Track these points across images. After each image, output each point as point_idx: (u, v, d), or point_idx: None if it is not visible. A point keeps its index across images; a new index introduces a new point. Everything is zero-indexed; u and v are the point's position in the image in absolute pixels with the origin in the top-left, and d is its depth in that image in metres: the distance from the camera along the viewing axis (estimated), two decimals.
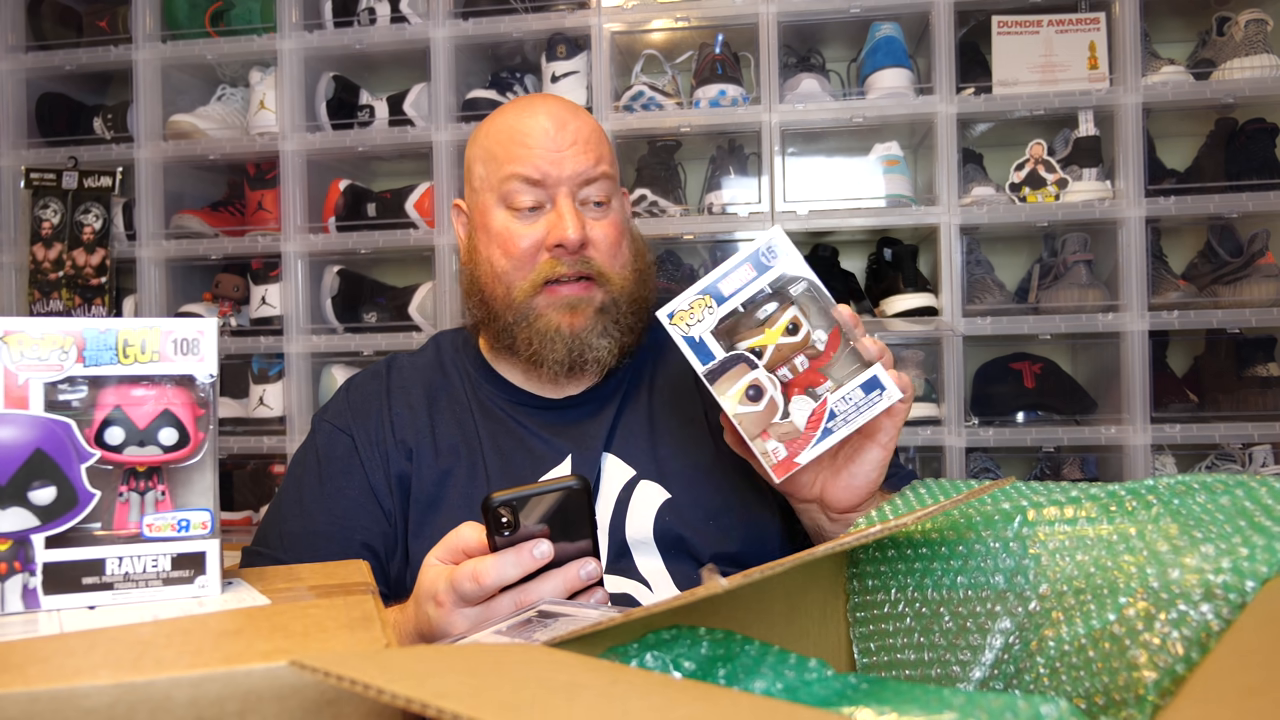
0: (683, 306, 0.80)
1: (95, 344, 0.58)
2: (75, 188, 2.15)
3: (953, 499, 0.61)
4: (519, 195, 0.99)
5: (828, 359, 0.80)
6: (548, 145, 0.99)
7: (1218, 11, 1.95)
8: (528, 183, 0.99)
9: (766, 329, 0.80)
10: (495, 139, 1.02)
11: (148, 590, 0.59)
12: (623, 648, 0.50)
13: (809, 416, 0.79)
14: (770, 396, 0.80)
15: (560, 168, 0.98)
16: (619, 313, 1.01)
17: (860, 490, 0.84)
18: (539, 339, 0.99)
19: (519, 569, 0.70)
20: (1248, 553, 0.50)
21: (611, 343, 1.00)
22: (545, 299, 1.00)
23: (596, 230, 1.00)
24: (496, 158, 1.01)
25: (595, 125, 1.04)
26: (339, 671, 0.36)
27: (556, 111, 1.01)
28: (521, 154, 0.99)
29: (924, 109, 1.90)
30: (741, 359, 0.80)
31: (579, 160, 0.99)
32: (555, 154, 0.98)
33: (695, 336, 0.80)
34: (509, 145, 1.00)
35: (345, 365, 2.12)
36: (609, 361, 1.01)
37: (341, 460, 1.03)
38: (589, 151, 1.00)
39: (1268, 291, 1.80)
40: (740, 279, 0.80)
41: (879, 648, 0.63)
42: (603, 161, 1.01)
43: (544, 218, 1.00)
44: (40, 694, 0.43)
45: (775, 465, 0.79)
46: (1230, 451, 1.91)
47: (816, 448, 0.79)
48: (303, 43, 2.07)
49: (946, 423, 1.86)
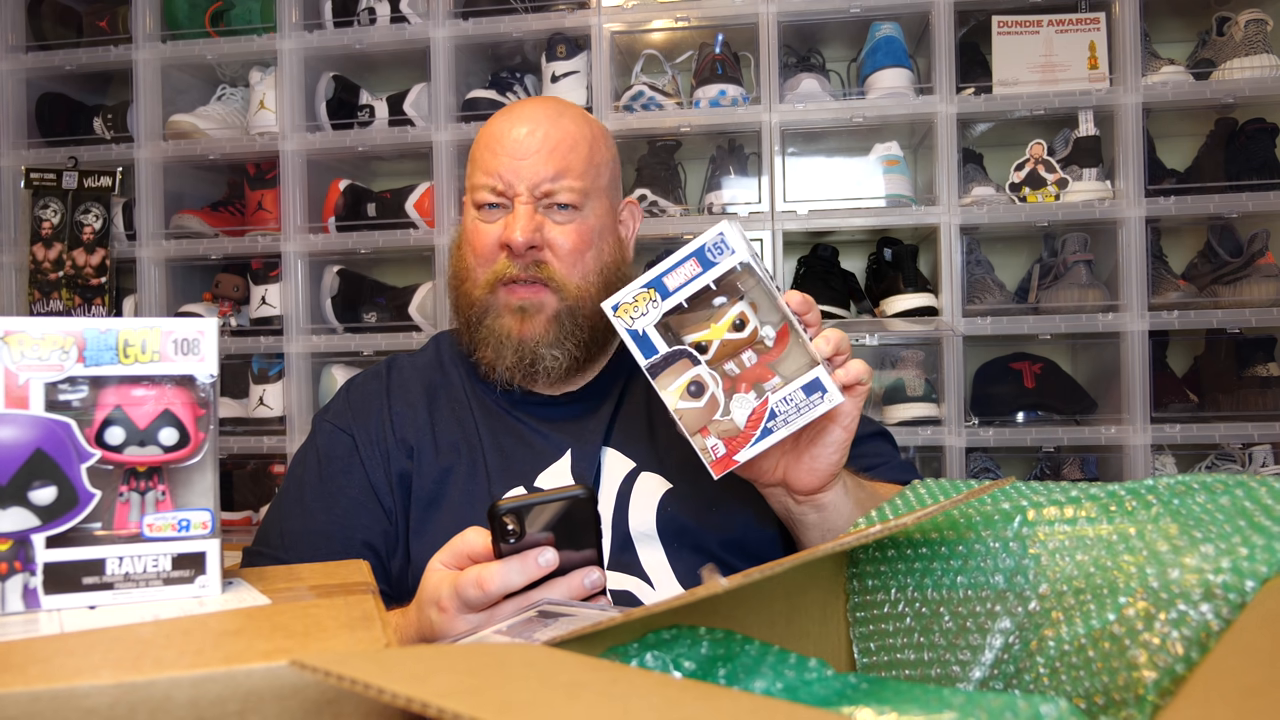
0: (626, 299, 0.79)
1: (96, 344, 0.58)
2: (75, 188, 2.15)
3: (953, 499, 0.61)
4: (483, 199, 1.02)
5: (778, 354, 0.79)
6: (513, 152, 1.01)
7: (1218, 11, 1.95)
8: (491, 191, 1.01)
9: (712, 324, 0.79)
10: (478, 144, 1.06)
11: (148, 590, 0.59)
12: (623, 647, 0.50)
13: (749, 415, 0.78)
14: (711, 393, 0.79)
15: (518, 176, 1.00)
16: (574, 324, 1.01)
17: (823, 472, 0.83)
18: (492, 341, 1.01)
19: (524, 576, 0.70)
20: (1248, 553, 0.50)
21: (563, 354, 1.01)
22: (501, 296, 1.01)
23: (555, 234, 1.01)
24: (474, 161, 1.05)
25: (576, 131, 1.03)
26: (339, 671, 0.36)
27: (534, 117, 1.03)
28: (488, 159, 1.02)
29: (924, 109, 1.90)
30: (684, 354, 0.79)
31: (539, 169, 1.00)
32: (517, 161, 1.00)
33: (639, 330, 0.79)
34: (483, 152, 1.03)
35: (345, 365, 2.12)
36: (559, 373, 1.02)
37: (342, 460, 1.03)
38: (552, 160, 1.00)
39: (1268, 291, 1.80)
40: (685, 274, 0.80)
41: (879, 648, 0.63)
42: (570, 172, 1.01)
43: (503, 218, 1.02)
44: (40, 694, 0.43)
45: (713, 462, 0.79)
46: (1230, 451, 1.91)
47: (754, 447, 0.78)
48: (303, 43, 2.07)
49: (946, 423, 1.86)
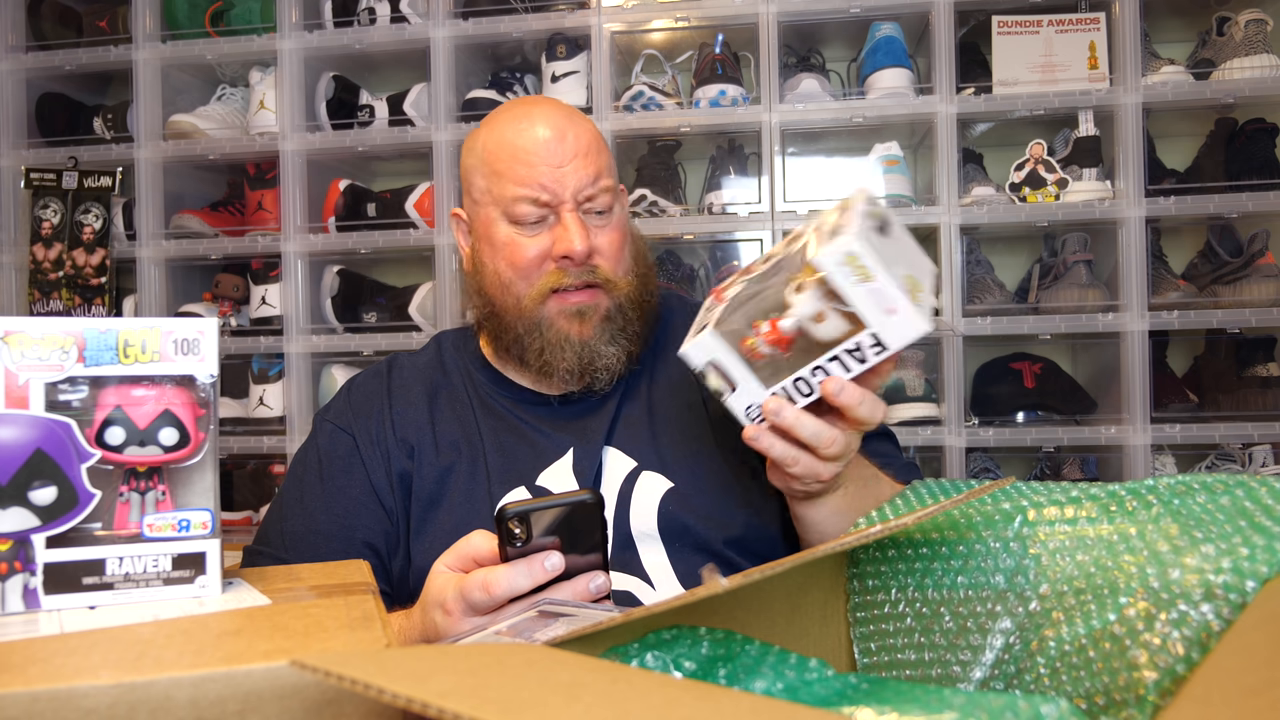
0: None
1: (95, 344, 0.58)
2: (75, 188, 2.15)
3: (953, 499, 0.61)
4: (525, 213, 0.99)
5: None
6: (550, 161, 0.98)
7: (1218, 11, 1.95)
8: (535, 204, 0.99)
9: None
10: (496, 154, 1.01)
11: (148, 590, 0.59)
12: (623, 647, 0.50)
13: None
14: None
15: (563, 185, 0.98)
16: (625, 319, 1.02)
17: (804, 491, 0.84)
18: (550, 348, 1.00)
19: (530, 580, 0.70)
20: (1248, 553, 0.50)
21: (619, 349, 1.01)
22: (554, 305, 1.00)
23: (601, 238, 1.01)
24: (500, 174, 1.00)
25: (593, 129, 1.03)
26: (339, 671, 0.36)
27: (555, 121, 1.00)
28: (524, 173, 0.98)
29: (924, 109, 1.90)
30: None
31: (581, 174, 0.99)
32: (557, 170, 0.98)
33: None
34: (511, 164, 0.99)
35: (345, 365, 2.12)
36: (618, 369, 1.01)
37: (343, 460, 1.03)
38: (590, 164, 0.99)
39: (1268, 291, 1.80)
40: None
41: (879, 648, 0.63)
42: (604, 172, 1.01)
43: (549, 229, 1.00)
44: (40, 694, 0.43)
45: None
46: (1230, 451, 1.91)
47: None
48: (303, 43, 2.07)
49: (946, 423, 1.86)
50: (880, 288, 0.69)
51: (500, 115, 1.05)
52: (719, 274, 2.09)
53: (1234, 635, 0.44)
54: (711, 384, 0.79)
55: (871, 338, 0.72)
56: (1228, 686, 0.38)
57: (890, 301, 0.70)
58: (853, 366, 0.74)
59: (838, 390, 0.74)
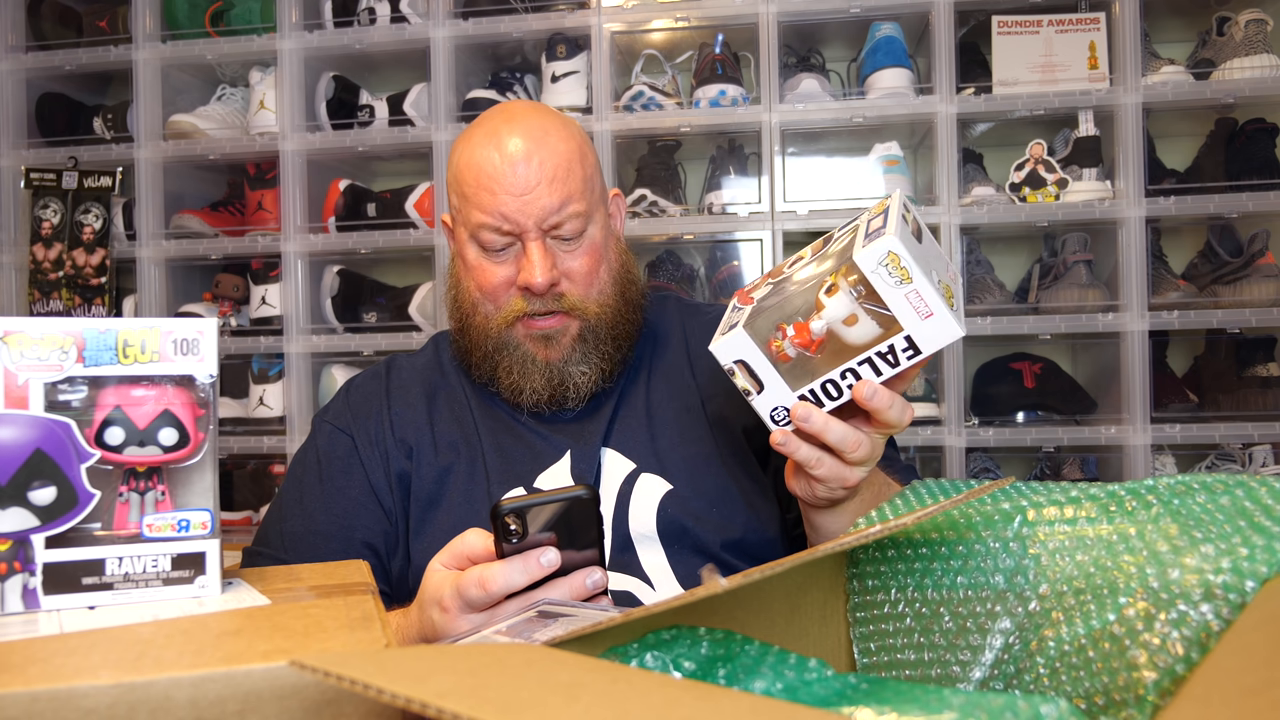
0: None
1: (95, 344, 0.58)
2: (75, 188, 2.15)
3: (953, 499, 0.61)
4: (490, 240, 0.98)
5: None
6: (513, 190, 0.95)
7: (1218, 11, 1.95)
8: (498, 232, 0.97)
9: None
10: (463, 176, 0.99)
11: (148, 590, 0.59)
12: (623, 648, 0.50)
13: None
14: None
15: (526, 214, 0.95)
16: (598, 339, 1.01)
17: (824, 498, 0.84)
18: (518, 368, 0.99)
19: (526, 576, 0.70)
20: (1248, 553, 0.50)
21: (591, 369, 1.00)
22: (522, 330, 1.00)
23: (571, 262, 0.99)
24: (466, 198, 0.98)
25: (567, 148, 0.98)
26: (339, 671, 0.36)
27: (522, 144, 0.96)
28: (487, 200, 0.96)
29: (924, 109, 1.90)
30: None
31: (546, 202, 0.95)
32: (520, 199, 0.95)
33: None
34: (476, 189, 0.97)
35: (345, 365, 2.12)
36: (590, 389, 1.01)
37: (342, 460, 1.03)
38: (557, 190, 0.96)
39: (1268, 291, 1.80)
40: None
41: (879, 648, 0.63)
42: (573, 196, 0.97)
43: (514, 257, 0.98)
44: (40, 694, 0.43)
45: None
46: (1230, 451, 1.91)
47: None
48: (303, 43, 2.07)
49: (946, 423, 1.86)
50: (918, 290, 0.69)
51: (475, 130, 1.01)
52: (719, 274, 2.09)
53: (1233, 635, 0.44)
54: (739, 383, 0.78)
55: (906, 340, 0.71)
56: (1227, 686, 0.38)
57: (927, 304, 0.70)
58: (884, 370, 0.73)
59: (870, 394, 0.74)
